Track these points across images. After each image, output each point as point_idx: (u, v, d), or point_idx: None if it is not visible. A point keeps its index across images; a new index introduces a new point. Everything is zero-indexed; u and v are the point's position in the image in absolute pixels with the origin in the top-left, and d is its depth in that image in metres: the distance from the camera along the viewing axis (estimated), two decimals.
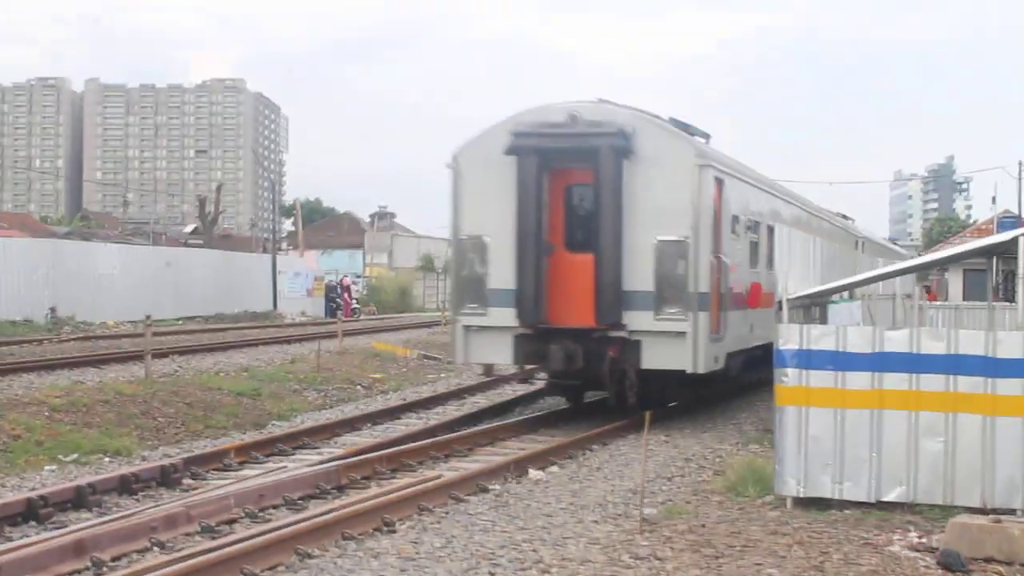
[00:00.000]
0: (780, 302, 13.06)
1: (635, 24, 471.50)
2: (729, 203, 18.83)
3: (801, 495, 12.20)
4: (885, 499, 11.95)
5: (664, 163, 17.55)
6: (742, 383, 22.20)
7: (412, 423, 19.29)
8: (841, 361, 12.12)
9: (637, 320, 17.58)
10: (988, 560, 9.79)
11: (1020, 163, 50.56)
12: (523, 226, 17.75)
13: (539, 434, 18.12)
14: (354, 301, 62.19)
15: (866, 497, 12.02)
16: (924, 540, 10.53)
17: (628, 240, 17.53)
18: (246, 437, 17.24)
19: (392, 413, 20.26)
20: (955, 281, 44.58)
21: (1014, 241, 15.01)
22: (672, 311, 17.45)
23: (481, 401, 22.44)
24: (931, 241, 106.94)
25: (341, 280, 63.26)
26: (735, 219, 19.33)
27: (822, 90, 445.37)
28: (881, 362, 11.98)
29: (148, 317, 21.98)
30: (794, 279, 21.60)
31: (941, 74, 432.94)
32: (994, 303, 35.86)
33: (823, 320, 17.07)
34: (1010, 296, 44.14)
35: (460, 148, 18.65)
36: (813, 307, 16.79)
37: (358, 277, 71.71)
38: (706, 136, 19.67)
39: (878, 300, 26.75)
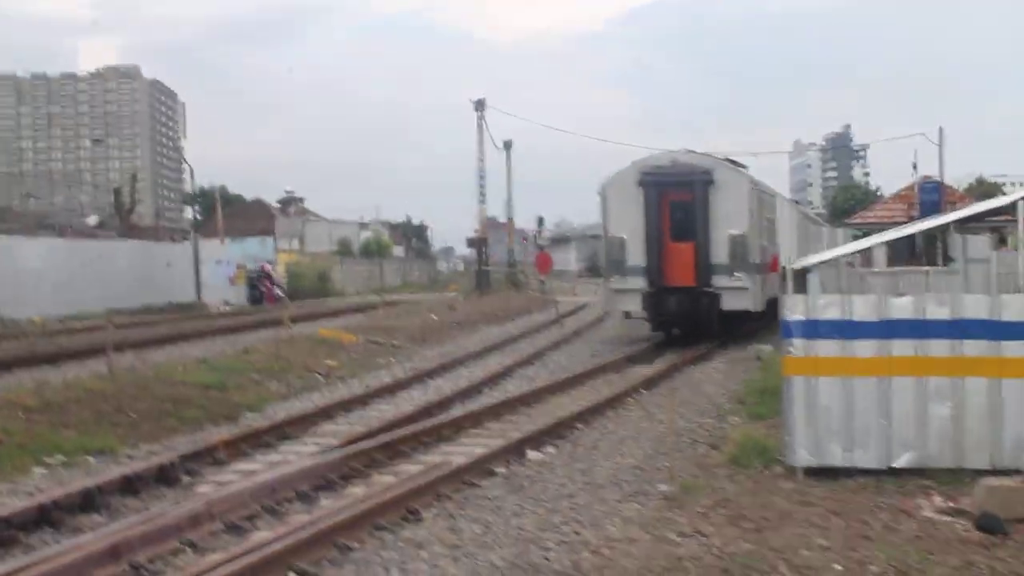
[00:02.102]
0: (783, 272, 13.16)
1: (524, 5, 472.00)
2: (763, 208, 30.62)
3: (812, 465, 12.30)
4: (896, 465, 12.10)
5: (730, 189, 28.84)
6: (771, 318, 24.60)
7: (384, 409, 19.20)
8: (847, 330, 12.23)
9: (719, 281, 28.61)
10: (1020, 520, 9.96)
11: (940, 129, 51.49)
12: (649, 227, 28.98)
13: (518, 414, 18.27)
14: (276, 288, 61.53)
15: (877, 464, 12.16)
16: (952, 504, 10.68)
17: (712, 234, 28.63)
18: (224, 431, 16.96)
19: (361, 400, 20.09)
20: (878, 247, 45.27)
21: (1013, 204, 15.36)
22: (739, 275, 28.53)
23: (443, 385, 22.38)
24: (836, 208, 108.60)
25: (262, 267, 62.50)
26: (765, 217, 30.66)
27: (715, 65, 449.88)
28: (887, 330, 12.11)
29: (112, 312, 21.38)
30: (789, 252, 30.28)
31: (833, 45, 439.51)
32: (925, 268, 36.78)
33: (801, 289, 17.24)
34: (932, 260, 45.29)
35: (606, 182, 30.06)
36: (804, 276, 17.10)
37: (269, 264, 70.80)
38: (746, 167, 31.65)
39: (823, 268, 27.15)
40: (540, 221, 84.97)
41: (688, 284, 28.69)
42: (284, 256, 78.18)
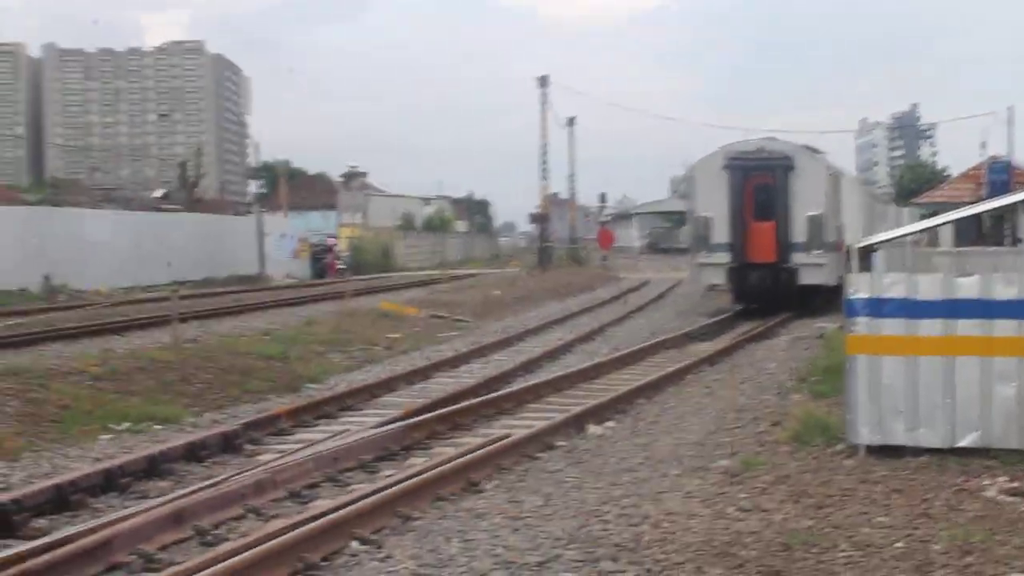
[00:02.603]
0: (848, 251, 13.07)
1: None
2: (837, 191, 32.91)
3: (874, 443, 12.21)
4: (960, 445, 11.96)
5: (808, 173, 31.48)
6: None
7: (444, 382, 19.34)
8: (912, 309, 12.10)
9: (797, 257, 31.17)
10: None
11: (1009, 108, 50.68)
12: (733, 207, 31.50)
13: (578, 389, 18.33)
14: (339, 262, 61.97)
15: (941, 443, 12.04)
16: (1016, 484, 10.58)
17: (791, 215, 31.21)
18: (286, 401, 17.18)
19: (423, 373, 20.26)
20: (945, 227, 44.71)
21: None
22: (816, 252, 31.10)
23: (504, 359, 22.48)
24: (903, 187, 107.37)
25: (325, 240, 62.94)
26: (839, 200, 32.91)
27: (779, 41, 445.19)
28: (952, 309, 11.98)
29: (176, 284, 21.67)
30: (855, 231, 31.00)
31: (904, 23, 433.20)
32: (992, 248, 36.31)
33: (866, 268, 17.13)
34: (999, 240, 44.59)
35: (695, 165, 33.41)
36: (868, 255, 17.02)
37: (332, 238, 71.23)
38: (823, 152, 35.04)
39: (889, 247, 26.98)
40: (602, 197, 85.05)
41: (769, 260, 31.28)
42: (346, 230, 78.71)
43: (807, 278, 31.19)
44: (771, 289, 31.43)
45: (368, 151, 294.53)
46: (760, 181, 31.50)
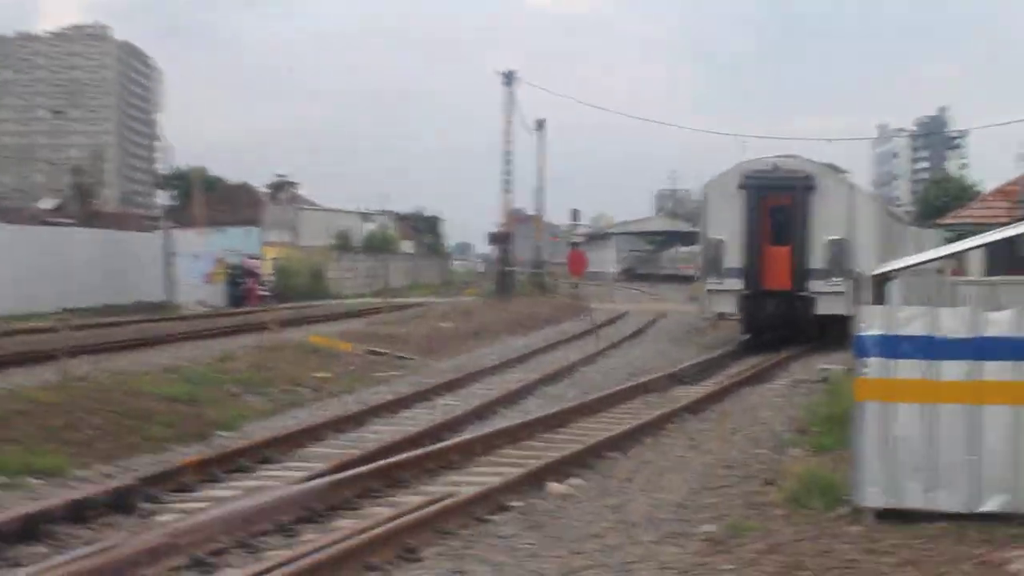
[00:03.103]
0: (856, 280, 13.17)
1: None
2: (859, 213, 34.69)
3: (885, 506, 12.20)
4: (984, 510, 11.97)
5: (830, 194, 33.79)
6: None
7: (382, 431, 19.24)
8: (933, 348, 12.11)
9: (815, 285, 33.21)
10: None
11: None
12: (748, 230, 33.77)
13: (539, 440, 18.33)
14: (261, 287, 61.75)
15: (962, 507, 12.02)
16: None
17: (810, 239, 33.44)
18: (193, 451, 17.02)
19: (356, 419, 20.14)
20: (974, 253, 45.11)
21: None
22: (836, 279, 32.87)
23: (453, 404, 22.40)
24: (927, 205, 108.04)
25: (244, 263, 62.66)
26: (860, 222, 34.39)
27: (787, 35, 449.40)
28: (981, 349, 12.00)
29: (67, 312, 21.50)
30: (871, 257, 31.72)
31: (929, 21, 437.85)
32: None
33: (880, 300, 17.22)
34: None
35: (708, 184, 35.98)
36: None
37: (254, 259, 70.76)
38: (846, 171, 39.82)
39: (907, 276, 27.20)
40: (574, 214, 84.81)
41: (785, 287, 33.49)
42: (272, 250, 78.41)
43: (825, 308, 33.06)
44: (786, 318, 33.62)
45: (301, 159, 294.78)
46: (777, 202, 33.85)
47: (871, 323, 12.30)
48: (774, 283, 33.58)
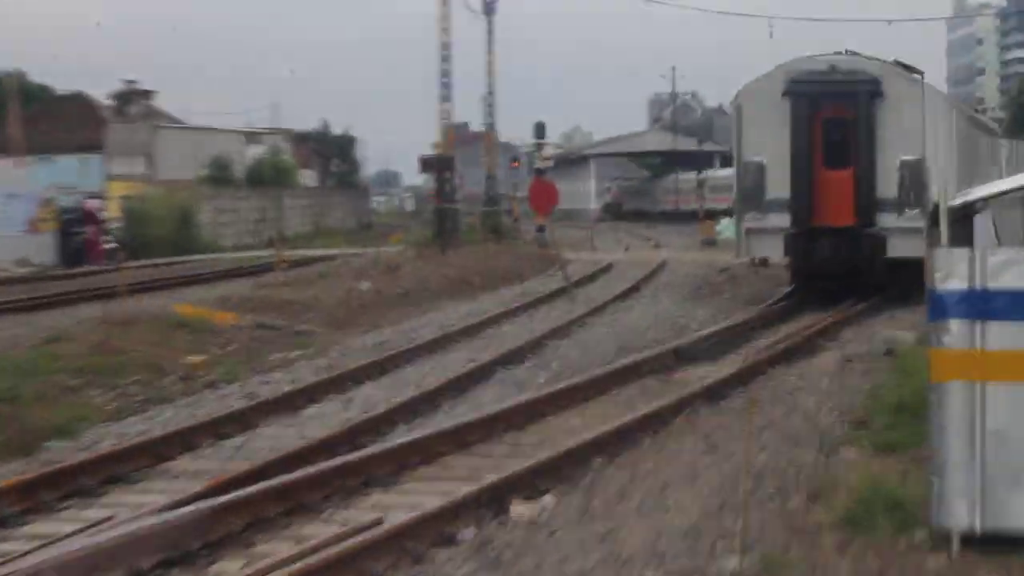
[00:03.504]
0: (935, 212, 13.08)
1: None
2: (941, 126, 36.24)
3: (977, 529, 12.15)
4: None
5: (903, 102, 34.17)
6: None
7: (279, 435, 19.24)
8: None
9: (886, 220, 34.04)
10: None
11: None
12: (796, 150, 34.39)
13: (497, 443, 18.36)
14: (106, 237, 61.59)
15: None
16: None
17: (878, 160, 34.21)
18: (13, 470, 16.94)
19: (243, 419, 20.11)
20: None
21: None
22: (912, 213, 33.71)
23: (377, 396, 22.35)
24: (1021, 110, 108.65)
25: (83, 204, 62.38)
26: (940, 136, 35.99)
27: None
28: None
29: None
30: (949, 179, 34.53)
31: None
32: None
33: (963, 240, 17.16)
34: None
35: (741, 91, 36.30)
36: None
37: (96, 199, 70.14)
38: (921, 72, 37.49)
39: (1001, 206, 27.25)
40: (539, 130, 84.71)
41: (845, 223, 34.37)
42: (121, 186, 78.09)
43: (899, 249, 33.72)
44: (847, 263, 34.25)
45: (159, 58, 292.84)
46: (834, 113, 34.69)
47: (952, 272, 12.20)
48: (832, 218, 34.35)
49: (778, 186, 34.52)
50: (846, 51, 36.21)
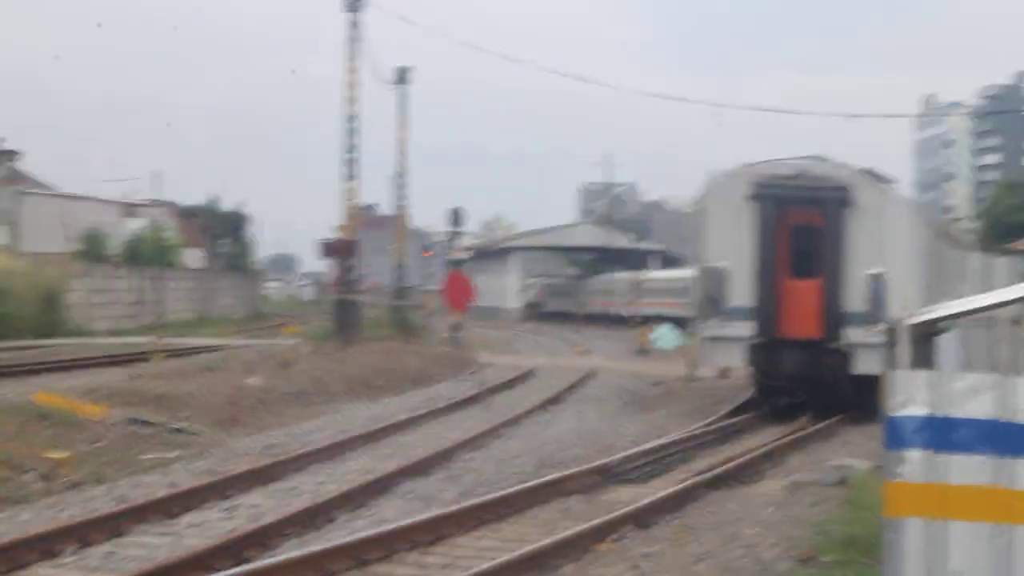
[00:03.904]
0: (891, 330, 13.16)
1: None
2: (910, 241, 37.08)
3: None
4: None
5: (873, 211, 35.69)
6: None
7: (149, 543, 19.22)
8: (1006, 438, 12.24)
9: (853, 334, 35.25)
10: None
11: None
12: (762, 257, 36.19)
13: (398, 564, 18.36)
14: None
15: None
16: None
17: (846, 271, 35.62)
18: None
19: (108, 526, 19.98)
20: None
21: None
22: (880, 328, 31.24)
23: (263, 504, 22.34)
24: (996, 220, 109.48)
25: None
26: (902, 245, 36.64)
27: None
28: None
29: None
30: (911, 294, 34.21)
31: None
32: None
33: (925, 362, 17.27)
34: None
35: (705, 191, 38.46)
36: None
37: None
38: (892, 181, 40.66)
39: (967, 325, 27.48)
40: (456, 217, 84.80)
41: (811, 336, 36.22)
42: None
43: (866, 366, 34.75)
44: (811, 378, 36.13)
45: (27, 115, 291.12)
46: (802, 220, 36.62)
47: (912, 397, 12.32)
48: (796, 330, 36.24)
49: (742, 293, 36.36)
50: (813, 157, 37.95)
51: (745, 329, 36.28)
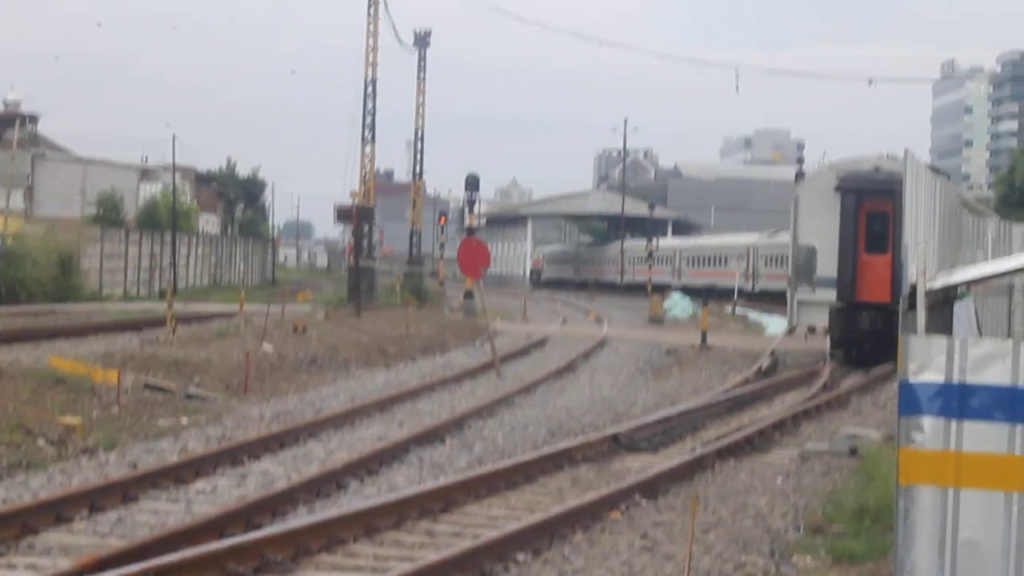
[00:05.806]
0: (909, 295, 13.11)
1: None
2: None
3: None
4: None
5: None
6: None
7: (161, 510, 19.09)
8: (1022, 404, 12.15)
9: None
10: None
11: None
12: (844, 236, 44.40)
13: (408, 532, 18.26)
14: None
15: None
16: None
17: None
18: None
19: (122, 492, 19.89)
20: None
21: None
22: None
23: (276, 471, 22.28)
24: (1012, 187, 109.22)
25: None
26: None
27: None
28: None
29: None
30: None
31: None
32: None
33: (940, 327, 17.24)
34: None
35: (799, 185, 47.23)
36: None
37: None
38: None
39: (982, 291, 27.45)
40: (472, 183, 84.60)
41: (882, 300, 43.23)
42: None
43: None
44: (882, 335, 42.59)
45: (48, 81, 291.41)
46: (876, 207, 44.79)
47: (927, 363, 12.20)
48: (870, 294, 44.39)
49: (827, 266, 44.49)
50: (888, 156, 45.55)
51: (830, 295, 44.25)
